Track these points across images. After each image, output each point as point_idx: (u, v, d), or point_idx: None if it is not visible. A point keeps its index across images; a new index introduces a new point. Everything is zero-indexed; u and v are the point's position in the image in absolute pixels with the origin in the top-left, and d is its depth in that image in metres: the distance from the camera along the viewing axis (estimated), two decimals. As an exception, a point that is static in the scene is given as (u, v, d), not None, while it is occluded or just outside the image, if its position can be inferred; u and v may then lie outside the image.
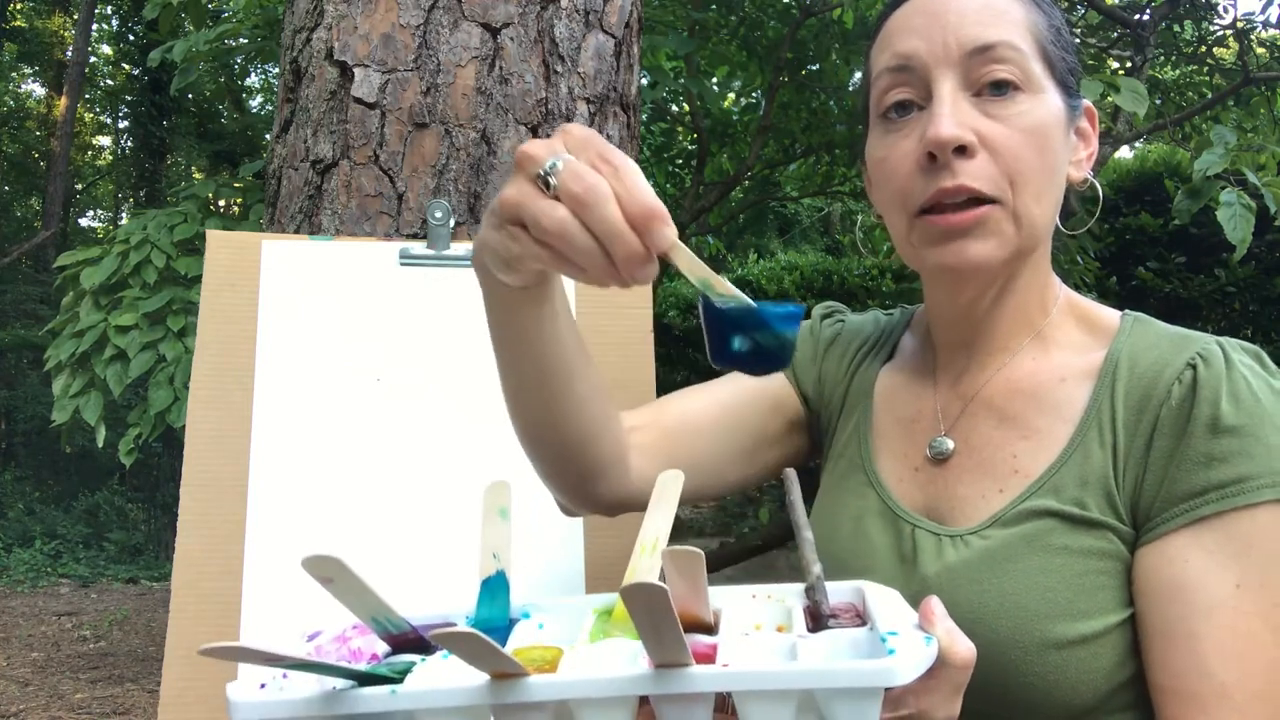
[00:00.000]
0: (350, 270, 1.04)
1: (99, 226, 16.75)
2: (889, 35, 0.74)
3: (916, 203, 0.71)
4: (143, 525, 9.92)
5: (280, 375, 1.00)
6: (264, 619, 0.93)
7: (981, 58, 0.69)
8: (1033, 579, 0.66)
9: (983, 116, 0.69)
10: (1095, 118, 0.77)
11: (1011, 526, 0.69)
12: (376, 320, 1.03)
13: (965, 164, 0.68)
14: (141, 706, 4.32)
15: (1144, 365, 0.69)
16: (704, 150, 4.91)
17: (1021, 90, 0.69)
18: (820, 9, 4.27)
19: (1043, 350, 0.76)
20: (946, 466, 0.76)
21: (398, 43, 1.19)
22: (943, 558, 0.71)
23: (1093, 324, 0.76)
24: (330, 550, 0.49)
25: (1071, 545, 0.67)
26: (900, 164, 0.71)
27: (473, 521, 1.01)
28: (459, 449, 1.01)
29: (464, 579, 0.99)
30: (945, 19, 0.70)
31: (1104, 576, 0.66)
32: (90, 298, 3.59)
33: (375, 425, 1.00)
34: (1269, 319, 5.09)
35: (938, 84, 0.69)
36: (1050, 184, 0.71)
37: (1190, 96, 5.03)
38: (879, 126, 0.75)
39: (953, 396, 0.79)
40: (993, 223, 0.69)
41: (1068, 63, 0.73)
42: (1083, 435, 0.70)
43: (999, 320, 0.76)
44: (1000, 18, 0.70)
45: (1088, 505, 0.67)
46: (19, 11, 13.90)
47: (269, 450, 0.98)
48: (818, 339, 0.93)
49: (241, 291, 1.02)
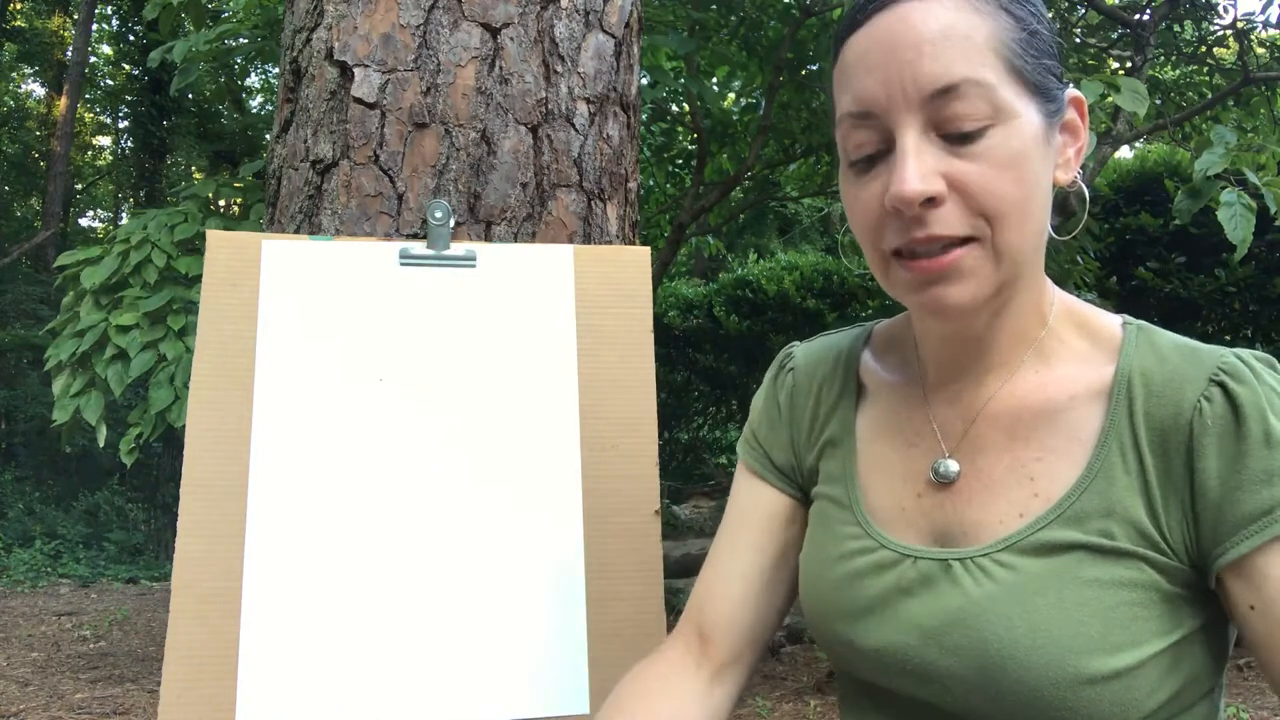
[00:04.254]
0: (350, 270, 1.04)
1: (99, 226, 16.76)
2: (847, 68, 0.69)
3: (890, 245, 0.68)
4: (143, 525, 9.92)
5: (280, 375, 1.00)
6: (264, 620, 0.93)
7: (944, 99, 0.64)
8: (1065, 614, 0.64)
9: (951, 158, 0.65)
10: (1083, 105, 0.72)
11: (1036, 557, 0.67)
12: (376, 320, 1.03)
13: (935, 213, 0.65)
14: (141, 706, 4.32)
15: (1159, 382, 0.67)
16: (704, 150, 4.91)
17: (992, 125, 0.64)
18: (820, 9, 4.27)
19: (1044, 363, 0.73)
20: (953, 490, 0.73)
21: (398, 43, 1.19)
22: (962, 588, 0.68)
23: (1094, 332, 0.73)
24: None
25: (1102, 577, 0.65)
26: (870, 207, 0.68)
27: (474, 521, 1.01)
28: (459, 449, 1.01)
29: (464, 578, 1.00)
30: (902, 56, 0.65)
31: (1137, 608, 0.64)
32: (90, 297, 3.59)
33: (375, 425, 1.00)
34: (1269, 319, 5.09)
35: (900, 132, 0.65)
36: (1031, 210, 0.67)
37: (1190, 96, 5.04)
38: (847, 170, 0.72)
39: (952, 415, 0.75)
40: (969, 263, 0.65)
41: (1045, 65, 0.68)
42: (1102, 459, 0.67)
43: (995, 340, 0.73)
44: (962, 46, 0.64)
45: (1115, 535, 0.65)
46: (19, 11, 13.90)
47: (269, 450, 0.98)
48: (780, 406, 0.88)
49: (241, 291, 1.02)
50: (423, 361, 1.03)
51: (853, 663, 0.76)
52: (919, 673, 0.69)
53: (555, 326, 1.05)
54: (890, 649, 0.71)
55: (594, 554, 1.00)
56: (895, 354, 0.83)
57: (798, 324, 7.27)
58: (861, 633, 0.73)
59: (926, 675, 0.69)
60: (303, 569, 0.94)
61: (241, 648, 0.92)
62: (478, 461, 1.01)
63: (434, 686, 0.94)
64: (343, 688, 0.92)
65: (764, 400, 0.90)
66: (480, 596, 0.97)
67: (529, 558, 0.99)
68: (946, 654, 0.67)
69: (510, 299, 1.06)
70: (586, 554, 1.00)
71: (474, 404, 1.02)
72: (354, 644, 0.93)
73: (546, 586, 0.98)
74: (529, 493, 1.01)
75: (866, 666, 0.74)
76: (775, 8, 4.40)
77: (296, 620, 0.93)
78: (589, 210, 1.23)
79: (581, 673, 0.96)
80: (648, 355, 1.07)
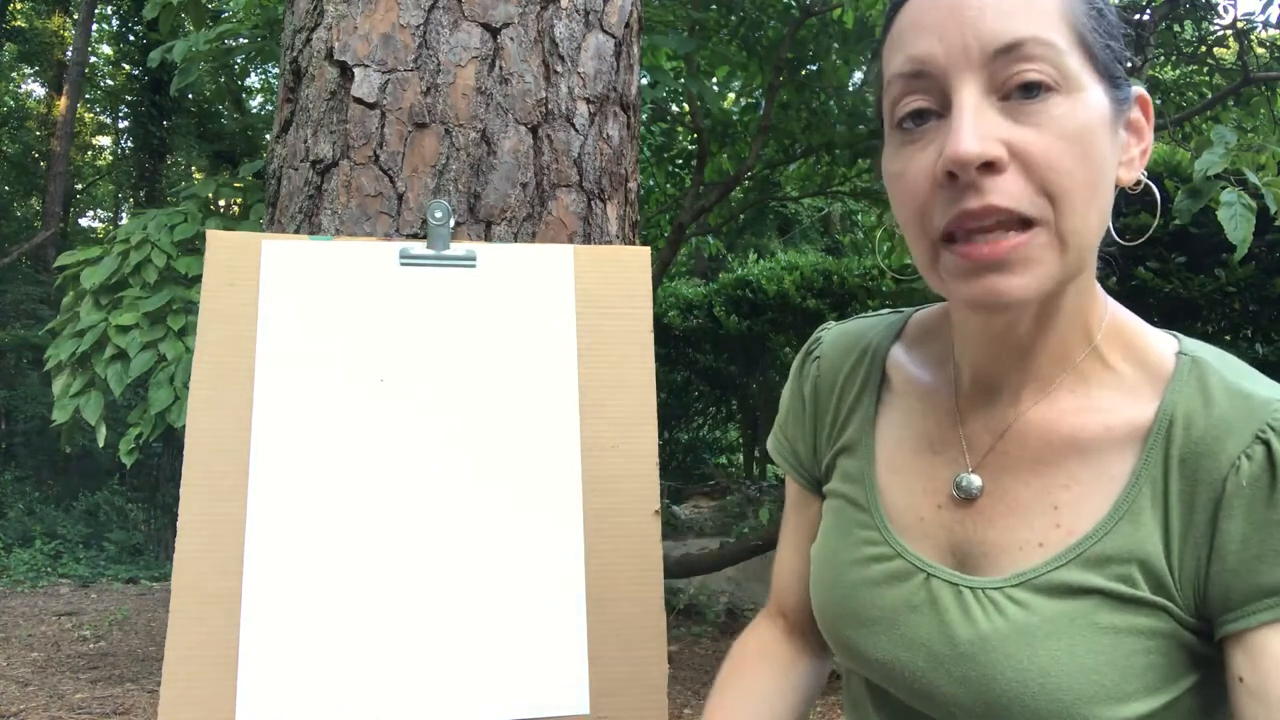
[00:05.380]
0: (350, 270, 1.04)
1: (99, 226, 16.76)
2: (901, 33, 0.64)
3: (939, 227, 0.62)
4: (143, 525, 9.92)
5: (280, 375, 1.00)
6: (264, 620, 0.93)
7: (1007, 58, 0.59)
8: (1076, 660, 0.61)
9: (1013, 124, 0.59)
10: (1149, 106, 0.67)
11: (1051, 598, 0.64)
12: (376, 320, 1.03)
13: (994, 181, 0.59)
14: (141, 706, 4.32)
15: (1201, 427, 0.62)
16: (704, 150, 4.92)
17: (1057, 91, 0.59)
18: (820, 9, 4.28)
19: (1084, 385, 0.68)
20: (975, 507, 0.69)
21: (398, 43, 1.19)
22: (972, 620, 0.66)
23: (1143, 359, 0.67)
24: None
25: (1119, 625, 0.61)
26: (918, 181, 0.62)
27: (474, 521, 1.01)
28: (458, 449, 1.01)
29: (464, 578, 0.99)
30: (964, 14, 0.60)
31: (1153, 656, 0.61)
32: (90, 297, 3.60)
33: (375, 425, 1.00)
34: (1269, 319, 5.09)
35: (957, 91, 0.60)
36: (1097, 195, 0.61)
37: (1190, 96, 5.04)
38: (894, 137, 0.65)
39: (980, 429, 0.71)
40: (1033, 251, 0.60)
41: (1113, 50, 0.63)
42: (1131, 500, 0.63)
43: (1039, 349, 0.68)
44: (1028, 8, 0.60)
45: (1136, 582, 0.62)
46: (19, 11, 13.90)
47: (269, 450, 0.98)
48: (804, 399, 0.86)
49: (241, 291, 1.02)
50: (422, 361, 1.03)
51: (858, 666, 0.75)
52: (925, 694, 0.68)
53: (555, 326, 1.05)
54: (898, 665, 0.69)
55: (594, 554, 1.00)
56: (929, 350, 0.78)
57: (798, 324, 7.27)
58: (870, 643, 0.72)
59: (931, 697, 0.68)
60: (302, 569, 0.94)
61: (241, 648, 0.92)
62: (477, 461, 1.01)
63: (434, 686, 0.94)
64: (343, 687, 0.92)
65: (790, 392, 0.88)
66: (480, 596, 0.97)
67: (529, 558, 0.99)
68: (954, 683, 0.66)
69: (510, 299, 1.06)
70: (586, 554, 1.00)
71: (474, 404, 1.02)
72: (354, 644, 0.93)
73: (546, 586, 0.98)
74: (529, 493, 1.01)
75: (873, 674, 0.73)
76: (775, 8, 4.40)
77: (296, 620, 0.93)
78: (589, 210, 1.23)
79: (581, 673, 0.96)
80: (648, 355, 1.07)
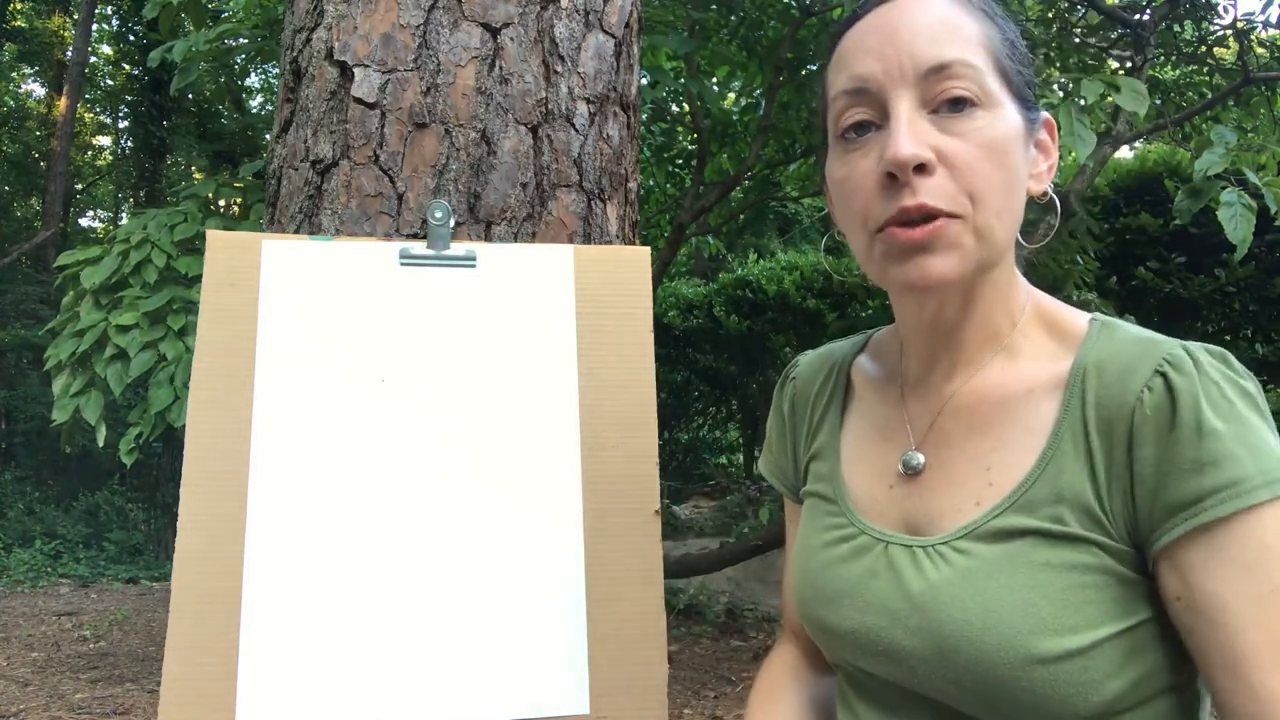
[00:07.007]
0: (350, 270, 1.04)
1: (99, 226, 16.75)
2: (844, 57, 0.75)
3: (878, 221, 0.71)
4: (143, 525, 9.92)
5: (280, 375, 1.00)
6: (264, 620, 0.93)
7: (937, 76, 0.69)
8: (1015, 595, 0.67)
9: (941, 134, 0.69)
10: (1054, 130, 0.77)
11: (990, 543, 0.69)
12: (376, 320, 1.03)
13: (925, 182, 0.68)
14: (141, 706, 4.32)
15: (1111, 372, 0.69)
16: (704, 150, 4.92)
17: (978, 106, 0.70)
18: (820, 9, 4.28)
19: (1010, 361, 0.76)
20: (920, 481, 0.77)
21: (398, 43, 1.19)
22: (923, 573, 0.72)
23: (1061, 331, 0.75)
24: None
25: (1053, 560, 0.67)
26: (861, 183, 0.72)
27: (474, 521, 1.01)
28: (458, 449, 1.01)
29: (464, 578, 1.00)
30: (898, 37, 0.71)
31: (1090, 590, 0.66)
32: (90, 297, 3.59)
33: (375, 425, 1.00)
34: (1269, 319, 5.09)
35: (894, 104, 0.70)
36: (1010, 198, 0.71)
37: (1190, 96, 5.04)
38: (838, 146, 0.75)
39: (920, 410, 0.80)
40: (952, 236, 0.69)
41: (1024, 75, 0.74)
42: (1055, 448, 0.70)
43: (965, 333, 0.77)
44: (954, 34, 0.70)
45: (1066, 520, 0.67)
46: (19, 11, 13.90)
47: (269, 450, 0.98)
48: (784, 416, 0.95)
49: (241, 291, 1.02)
50: (422, 361, 1.03)
51: (834, 648, 0.80)
52: (888, 653, 0.73)
53: (555, 326, 1.06)
54: (862, 630, 0.75)
55: (594, 554, 1.00)
56: (886, 355, 0.88)
57: (798, 324, 7.27)
58: (838, 615, 0.77)
59: (895, 656, 0.72)
60: (303, 569, 0.94)
61: (241, 648, 0.92)
62: (477, 461, 1.01)
63: (434, 686, 0.94)
64: (343, 687, 0.92)
65: (772, 414, 0.96)
66: (480, 596, 0.97)
67: (529, 558, 0.99)
68: (910, 635, 0.71)
69: (510, 299, 1.06)
70: (586, 554, 1.00)
71: (474, 404, 1.02)
72: (354, 644, 0.93)
73: (546, 586, 0.98)
74: (529, 493, 1.01)
75: (845, 650, 0.78)
76: (775, 8, 4.40)
77: (296, 620, 0.93)
78: (589, 210, 1.23)
79: (581, 673, 0.96)
80: (648, 355, 1.07)
